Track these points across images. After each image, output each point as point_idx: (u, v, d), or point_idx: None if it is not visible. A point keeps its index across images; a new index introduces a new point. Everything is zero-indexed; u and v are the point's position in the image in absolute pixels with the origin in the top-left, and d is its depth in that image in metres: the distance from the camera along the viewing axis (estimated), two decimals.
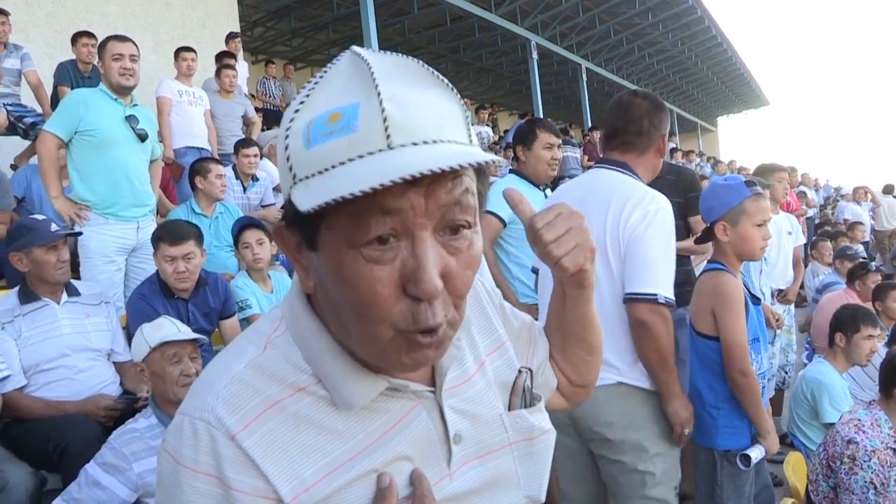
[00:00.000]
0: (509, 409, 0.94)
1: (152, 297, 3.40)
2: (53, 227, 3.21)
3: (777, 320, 4.46)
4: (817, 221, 12.91)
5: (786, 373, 4.81)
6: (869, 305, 5.66)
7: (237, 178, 5.79)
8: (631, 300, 2.26)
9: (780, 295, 4.76)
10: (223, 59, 7.25)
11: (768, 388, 2.63)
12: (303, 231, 0.73)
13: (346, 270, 0.70)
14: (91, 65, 6.29)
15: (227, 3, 9.69)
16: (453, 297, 0.73)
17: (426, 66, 0.73)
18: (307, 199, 0.66)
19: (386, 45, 14.99)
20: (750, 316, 2.53)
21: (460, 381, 0.89)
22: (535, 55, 16.44)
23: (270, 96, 10.64)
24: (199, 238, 3.60)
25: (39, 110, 6.05)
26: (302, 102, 0.72)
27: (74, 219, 3.83)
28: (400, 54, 0.74)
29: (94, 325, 3.21)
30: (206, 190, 4.80)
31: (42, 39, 7.49)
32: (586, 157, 11.40)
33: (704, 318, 2.52)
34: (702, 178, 15.87)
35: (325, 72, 0.73)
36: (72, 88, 6.05)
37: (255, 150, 5.87)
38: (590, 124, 18.35)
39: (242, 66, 8.73)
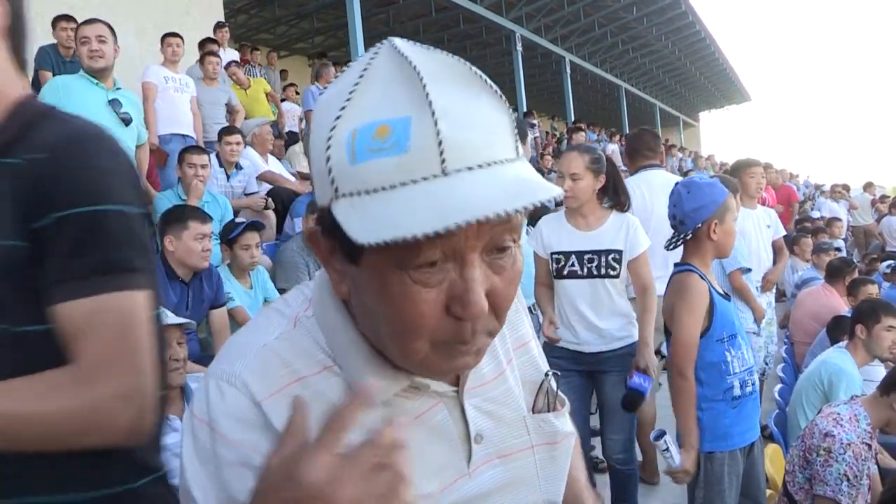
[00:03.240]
0: (533, 411, 0.92)
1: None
2: None
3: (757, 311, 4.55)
4: (797, 217, 13.05)
5: (766, 364, 4.89)
6: (844, 300, 5.77)
7: (221, 166, 5.75)
8: None
9: (763, 280, 4.85)
10: (207, 46, 7.20)
11: (753, 382, 2.65)
12: (343, 245, 0.69)
13: (392, 291, 0.68)
14: (72, 49, 6.21)
15: None
16: (496, 312, 0.72)
17: (472, 67, 0.69)
18: (361, 228, 0.63)
19: (370, 34, 14.93)
20: (721, 314, 2.52)
21: (489, 379, 0.88)
22: (519, 47, 16.44)
23: None
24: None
25: None
26: (343, 108, 0.66)
27: None
28: (441, 52, 0.70)
29: None
30: (182, 179, 4.82)
31: None
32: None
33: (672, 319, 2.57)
34: (686, 172, 16.02)
35: (365, 70, 0.68)
36: (53, 73, 6.00)
37: (237, 137, 5.83)
38: (573, 117, 18.41)
39: (234, 55, 8.69)
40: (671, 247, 2.66)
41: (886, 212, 13.29)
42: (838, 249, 8.81)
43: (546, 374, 0.96)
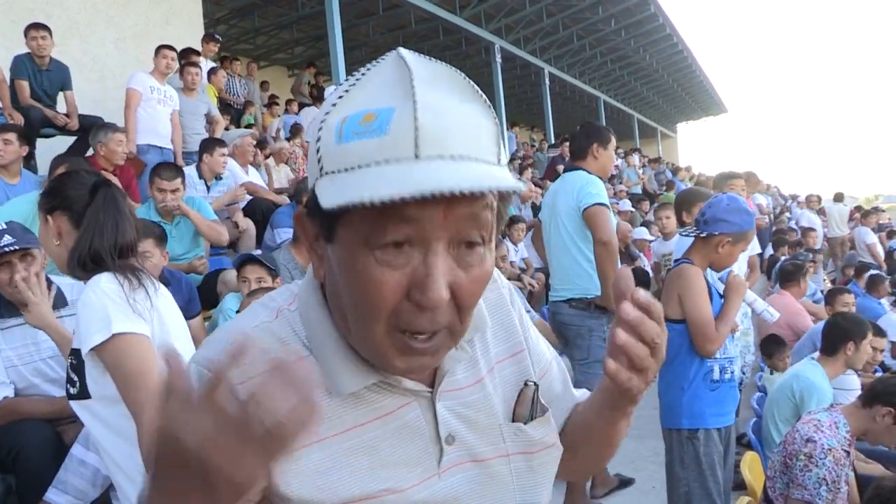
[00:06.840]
0: (514, 419, 0.93)
1: None
2: (7, 239, 2.64)
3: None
4: (773, 229, 13.20)
5: (743, 373, 4.94)
6: (801, 300, 6.17)
7: (200, 177, 5.76)
8: None
9: None
10: (188, 57, 7.17)
11: (732, 371, 2.92)
12: (321, 222, 0.75)
13: (358, 268, 0.72)
14: (47, 58, 6.14)
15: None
16: (459, 310, 0.75)
17: (468, 79, 0.75)
18: (330, 195, 0.68)
19: (350, 45, 14.94)
20: (716, 302, 2.81)
21: (465, 385, 0.89)
22: (498, 59, 16.52)
23: (235, 95, 10.52)
24: (160, 238, 3.57)
25: None
26: (340, 97, 0.73)
27: None
28: (444, 64, 0.75)
29: None
30: (154, 200, 4.75)
31: None
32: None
33: (670, 305, 2.83)
34: (668, 183, 16.13)
35: (368, 70, 0.75)
36: (29, 82, 5.95)
37: (227, 149, 5.92)
38: (552, 128, 18.53)
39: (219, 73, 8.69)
40: (684, 233, 3.04)
41: (858, 222, 13.49)
42: (813, 262, 8.96)
43: (526, 384, 0.96)
